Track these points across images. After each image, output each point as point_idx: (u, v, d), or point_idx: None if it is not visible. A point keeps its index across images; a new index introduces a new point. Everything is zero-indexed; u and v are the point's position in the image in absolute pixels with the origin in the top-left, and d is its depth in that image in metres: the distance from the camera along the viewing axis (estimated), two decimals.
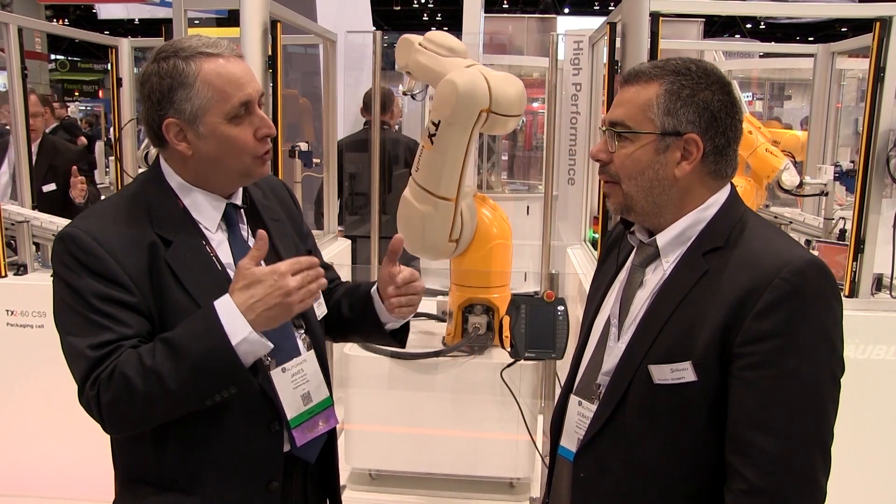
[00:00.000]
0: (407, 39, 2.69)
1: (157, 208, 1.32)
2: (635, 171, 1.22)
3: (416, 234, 2.60)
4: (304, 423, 1.39)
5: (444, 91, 2.39)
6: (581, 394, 1.33)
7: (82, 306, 1.23)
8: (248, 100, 1.31)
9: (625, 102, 1.24)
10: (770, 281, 1.10)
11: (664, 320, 1.19)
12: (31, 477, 2.93)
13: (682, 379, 1.15)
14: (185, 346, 1.19)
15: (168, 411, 1.24)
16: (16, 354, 2.86)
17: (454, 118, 2.40)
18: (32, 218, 3.03)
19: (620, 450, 1.23)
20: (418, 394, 2.76)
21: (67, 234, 1.26)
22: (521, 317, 2.37)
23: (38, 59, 12.90)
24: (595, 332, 1.35)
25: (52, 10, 15.04)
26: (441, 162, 2.48)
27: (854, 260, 2.66)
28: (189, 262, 1.30)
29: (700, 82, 1.19)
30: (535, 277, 3.74)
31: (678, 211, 1.23)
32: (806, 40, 18.62)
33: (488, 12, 7.71)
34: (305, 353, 1.41)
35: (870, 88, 2.55)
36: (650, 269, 1.27)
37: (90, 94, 18.97)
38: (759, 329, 1.10)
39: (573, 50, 4.70)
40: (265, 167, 1.38)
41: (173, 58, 1.28)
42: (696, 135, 1.19)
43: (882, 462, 2.66)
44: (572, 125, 4.77)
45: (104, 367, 1.20)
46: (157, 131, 1.32)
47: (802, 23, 18.46)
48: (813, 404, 1.10)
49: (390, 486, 2.92)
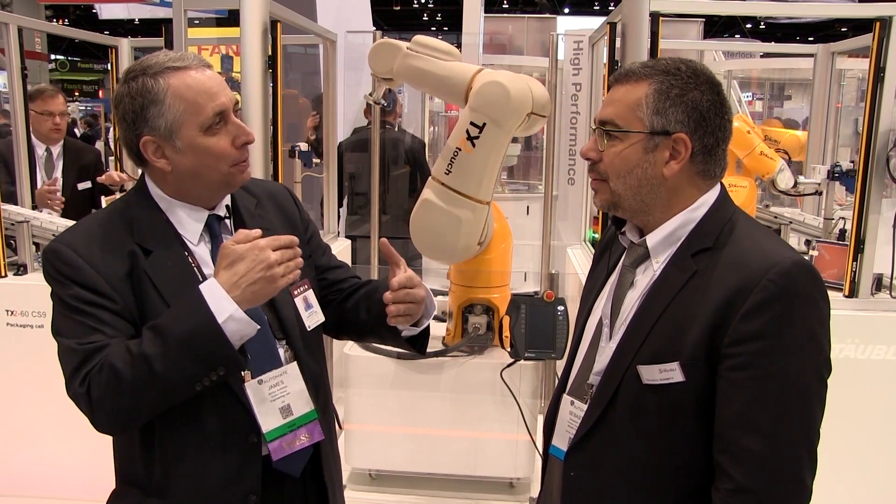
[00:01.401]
0: (390, 44, 2.60)
1: (139, 220, 1.34)
2: (624, 170, 1.23)
3: (449, 239, 2.52)
4: (283, 437, 1.36)
5: (494, 93, 2.35)
6: (573, 394, 1.33)
7: (70, 311, 1.26)
8: (223, 109, 1.31)
9: (614, 101, 1.24)
10: (757, 282, 1.10)
11: (653, 321, 1.20)
12: (31, 477, 2.93)
13: (671, 379, 1.16)
14: (170, 327, 1.20)
15: (157, 400, 1.23)
16: (16, 354, 2.86)
17: (504, 121, 2.37)
18: (32, 218, 3.03)
19: (610, 450, 1.23)
20: (418, 394, 2.76)
21: (51, 249, 1.30)
22: (521, 317, 2.37)
23: (38, 59, 12.88)
24: (588, 333, 1.36)
25: (52, 10, 15.04)
26: (483, 165, 2.43)
27: (854, 260, 2.66)
28: (168, 271, 1.31)
29: (689, 82, 1.20)
30: (535, 277, 3.74)
31: (667, 210, 1.24)
32: (806, 40, 18.62)
33: (488, 12, 7.71)
34: (286, 366, 1.38)
35: (870, 88, 2.55)
36: (640, 269, 1.28)
37: (90, 94, 18.97)
38: (746, 330, 1.10)
39: (573, 50, 4.70)
40: (245, 174, 1.37)
41: (141, 76, 1.29)
42: (685, 134, 1.19)
43: (882, 462, 2.66)
44: (572, 125, 4.77)
45: (94, 364, 1.22)
46: (135, 151, 1.33)
47: (802, 23, 18.46)
48: (799, 404, 1.11)
49: (390, 486, 2.92)
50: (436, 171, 2.51)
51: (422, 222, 2.56)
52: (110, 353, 1.21)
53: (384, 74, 2.65)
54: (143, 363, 1.19)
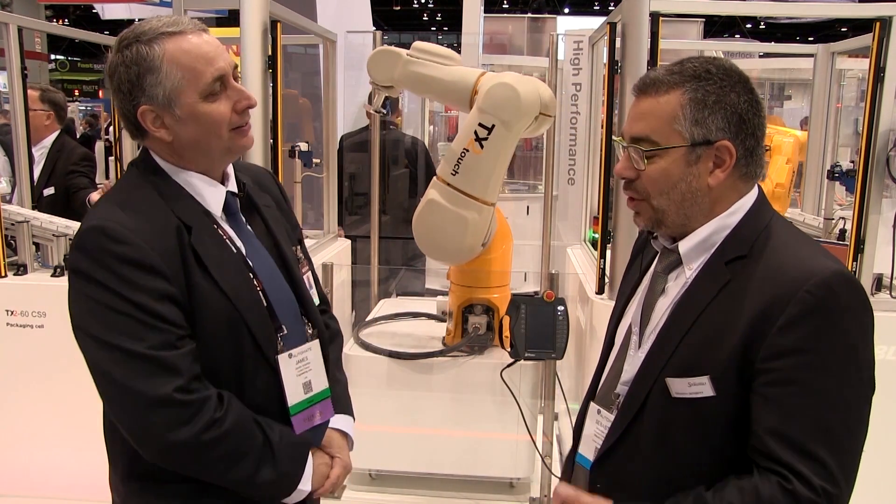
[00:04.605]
0: (390, 52, 2.59)
1: (168, 195, 1.29)
2: (667, 187, 1.16)
3: (454, 240, 2.52)
4: (303, 412, 1.39)
5: (504, 95, 2.36)
6: (601, 402, 1.30)
7: (121, 302, 1.17)
8: (222, 74, 1.27)
9: (646, 115, 1.17)
10: (794, 293, 1.05)
11: (684, 332, 1.15)
12: (31, 477, 2.93)
13: (700, 394, 1.11)
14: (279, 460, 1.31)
15: (211, 468, 1.26)
16: (16, 354, 2.85)
17: (514, 122, 2.38)
18: (32, 218, 3.03)
19: (636, 463, 1.20)
20: (418, 394, 2.76)
21: (96, 227, 1.19)
22: (521, 317, 2.37)
23: (38, 59, 12.87)
24: (618, 340, 1.33)
25: (52, 10, 15.03)
26: (491, 166, 2.44)
27: (854, 260, 2.66)
28: (210, 247, 1.28)
29: (724, 85, 1.14)
30: (535, 277, 3.74)
31: (707, 218, 1.18)
32: (806, 40, 18.62)
33: (488, 12, 7.71)
34: (311, 342, 1.41)
35: (870, 88, 2.55)
36: (672, 276, 1.23)
37: (90, 94, 18.98)
38: (782, 344, 1.05)
39: (573, 50, 4.70)
40: (246, 138, 1.34)
41: (135, 44, 1.23)
42: (728, 141, 1.14)
43: (882, 462, 2.66)
44: (572, 125, 4.77)
45: (199, 385, 1.22)
46: (133, 122, 1.28)
47: (802, 23, 18.46)
48: (840, 425, 1.06)
49: (390, 486, 2.92)
50: (441, 173, 2.51)
51: (426, 223, 2.55)
52: (240, 424, 1.26)
53: (384, 83, 2.65)
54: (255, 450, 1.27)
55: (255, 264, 1.35)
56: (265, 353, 1.32)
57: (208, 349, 1.26)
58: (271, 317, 1.34)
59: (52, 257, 2.99)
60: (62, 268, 2.92)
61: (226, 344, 1.28)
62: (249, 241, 1.37)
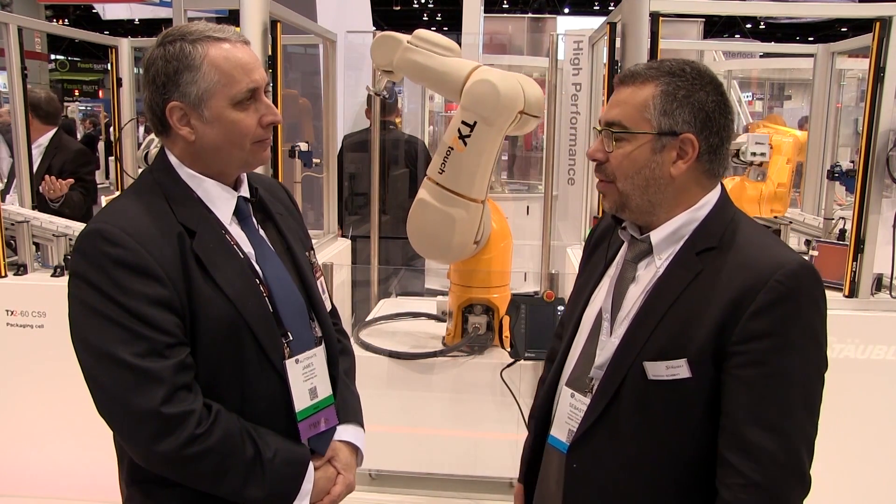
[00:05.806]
0: (392, 37, 2.61)
1: (175, 199, 1.29)
2: (632, 171, 1.25)
3: (443, 238, 2.52)
4: (309, 419, 1.38)
5: (483, 91, 2.35)
6: (573, 385, 1.35)
7: (115, 308, 1.18)
8: (256, 86, 1.30)
9: (621, 103, 1.26)
10: (765, 282, 1.14)
11: (659, 317, 1.22)
12: (31, 477, 2.93)
13: (677, 375, 1.19)
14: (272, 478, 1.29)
15: (198, 481, 1.26)
16: (16, 354, 2.85)
17: (494, 119, 2.37)
18: (32, 218, 3.03)
19: (614, 443, 1.25)
20: (418, 394, 2.76)
21: (95, 230, 1.21)
22: (521, 317, 2.37)
23: (38, 59, 12.90)
24: (585, 325, 1.38)
25: (52, 10, 15.04)
26: (475, 163, 2.43)
27: (854, 260, 2.66)
28: (214, 252, 1.28)
29: (695, 83, 1.22)
30: (535, 277, 3.74)
31: (671, 209, 1.26)
32: (806, 40, 18.62)
33: (488, 12, 7.71)
34: (316, 348, 1.41)
35: (870, 88, 2.55)
36: (642, 264, 1.30)
37: (90, 94, 19.01)
38: (754, 328, 1.13)
39: (573, 50, 4.70)
40: (265, 153, 1.36)
41: (180, 41, 1.27)
42: (692, 134, 1.22)
43: (882, 462, 2.66)
44: (572, 125, 4.78)
45: (192, 396, 1.21)
46: (160, 116, 1.29)
47: (802, 23, 18.47)
48: (804, 400, 1.15)
49: (390, 486, 2.92)
50: (430, 171, 2.51)
51: (417, 222, 2.56)
52: (230, 435, 1.24)
53: (385, 67, 2.67)
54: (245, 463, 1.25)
55: (264, 269, 1.35)
56: (271, 358, 1.32)
57: (210, 354, 1.26)
58: (277, 323, 1.34)
59: (52, 257, 2.99)
60: (62, 268, 2.92)
61: (229, 349, 1.28)
62: (260, 245, 1.37)
